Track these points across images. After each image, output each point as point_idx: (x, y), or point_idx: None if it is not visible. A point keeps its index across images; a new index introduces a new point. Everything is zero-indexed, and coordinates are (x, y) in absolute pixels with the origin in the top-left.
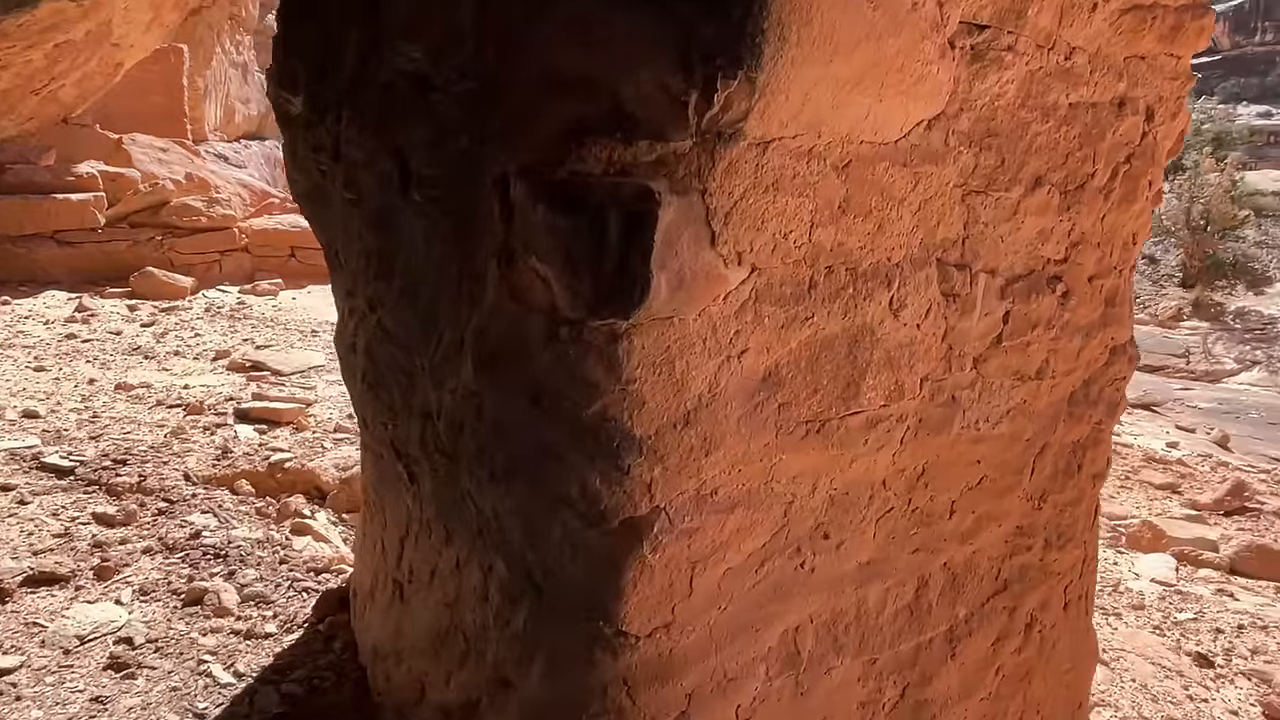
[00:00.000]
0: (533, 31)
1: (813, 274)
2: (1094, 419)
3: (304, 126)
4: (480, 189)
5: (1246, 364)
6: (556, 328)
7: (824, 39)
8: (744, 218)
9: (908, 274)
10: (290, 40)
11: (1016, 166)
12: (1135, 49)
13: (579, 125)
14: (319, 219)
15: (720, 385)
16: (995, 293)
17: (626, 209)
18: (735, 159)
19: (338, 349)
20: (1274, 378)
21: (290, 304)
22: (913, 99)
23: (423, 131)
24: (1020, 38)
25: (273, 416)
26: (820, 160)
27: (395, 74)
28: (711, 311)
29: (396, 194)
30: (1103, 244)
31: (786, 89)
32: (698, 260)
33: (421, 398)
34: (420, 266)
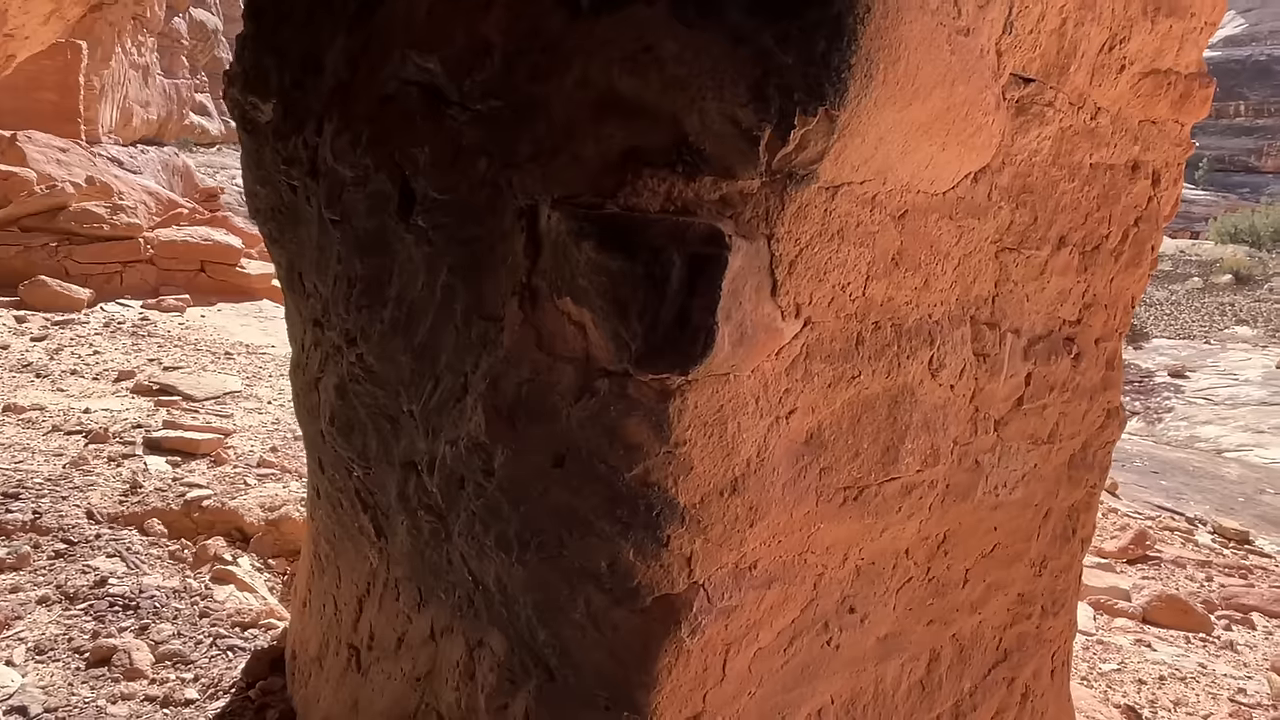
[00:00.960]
0: (576, 48)
1: (861, 329)
2: (1090, 483)
3: (274, 136)
4: (500, 218)
5: (1128, 414)
6: (592, 380)
7: (907, 80)
8: (808, 267)
9: (947, 332)
10: (262, 40)
11: (1046, 225)
12: (1150, 113)
13: (633, 155)
14: (283, 239)
15: (769, 449)
16: (1020, 354)
17: (692, 252)
18: (805, 203)
19: (294, 383)
20: (1151, 428)
21: (199, 322)
22: (968, 149)
23: (433, 150)
24: (1060, 94)
25: (187, 448)
26: (881, 209)
27: (400, 85)
28: (764, 368)
29: (393, 217)
30: (1109, 306)
31: (865, 131)
32: (759, 312)
33: (407, 446)
34: (418, 299)
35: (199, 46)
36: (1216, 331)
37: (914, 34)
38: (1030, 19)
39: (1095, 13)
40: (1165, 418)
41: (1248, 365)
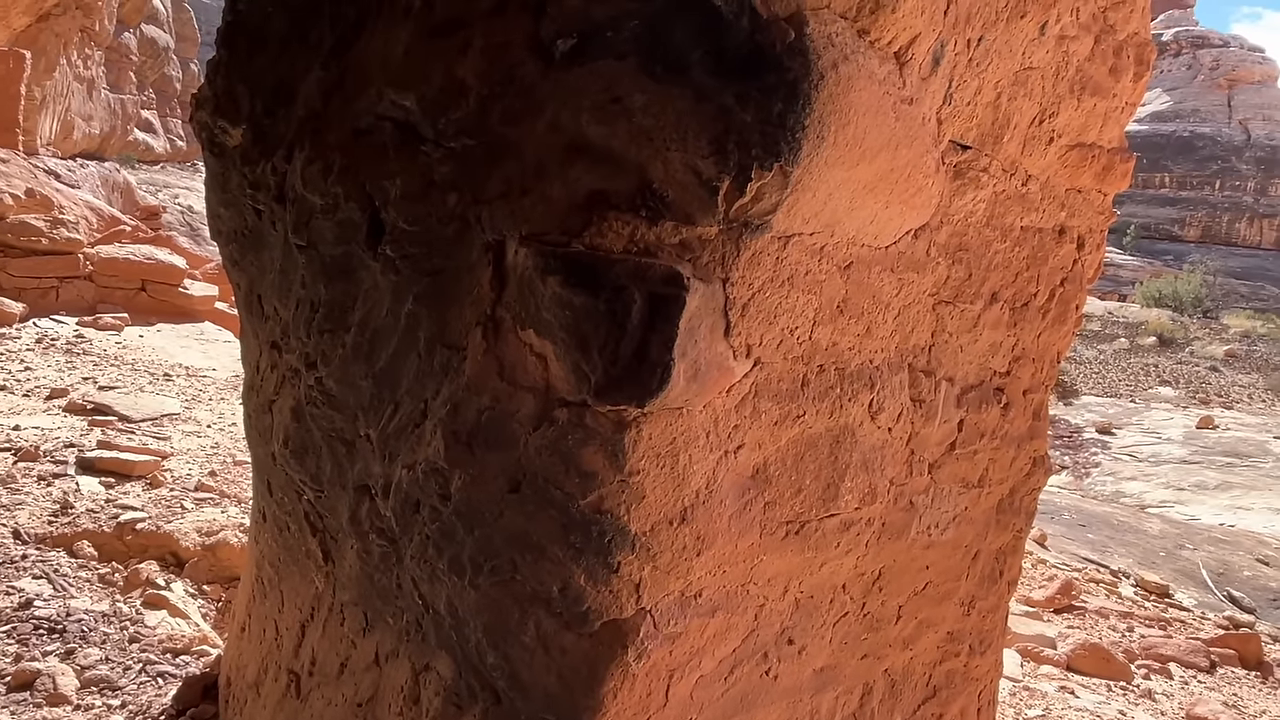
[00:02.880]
0: (548, 95)
1: (807, 371)
2: (1016, 527)
3: (242, 160)
4: (468, 251)
5: (1056, 468)
6: (551, 409)
7: (856, 143)
8: (759, 311)
9: (886, 378)
10: (235, 67)
11: (980, 281)
12: (1076, 183)
13: (599, 198)
14: (244, 261)
15: (717, 481)
16: (953, 401)
17: (652, 291)
18: (759, 250)
19: (247, 404)
20: (1079, 482)
21: (137, 342)
22: (910, 208)
23: (404, 183)
24: (994, 161)
25: (122, 469)
26: (829, 259)
27: (375, 120)
28: (715, 404)
29: (361, 245)
30: (1037, 360)
31: (816, 186)
32: (712, 351)
33: (361, 469)
34: (382, 326)
35: (148, 63)
36: (1141, 391)
37: (863, 101)
38: (968, 91)
39: (1027, 89)
40: (1093, 472)
41: (1170, 425)
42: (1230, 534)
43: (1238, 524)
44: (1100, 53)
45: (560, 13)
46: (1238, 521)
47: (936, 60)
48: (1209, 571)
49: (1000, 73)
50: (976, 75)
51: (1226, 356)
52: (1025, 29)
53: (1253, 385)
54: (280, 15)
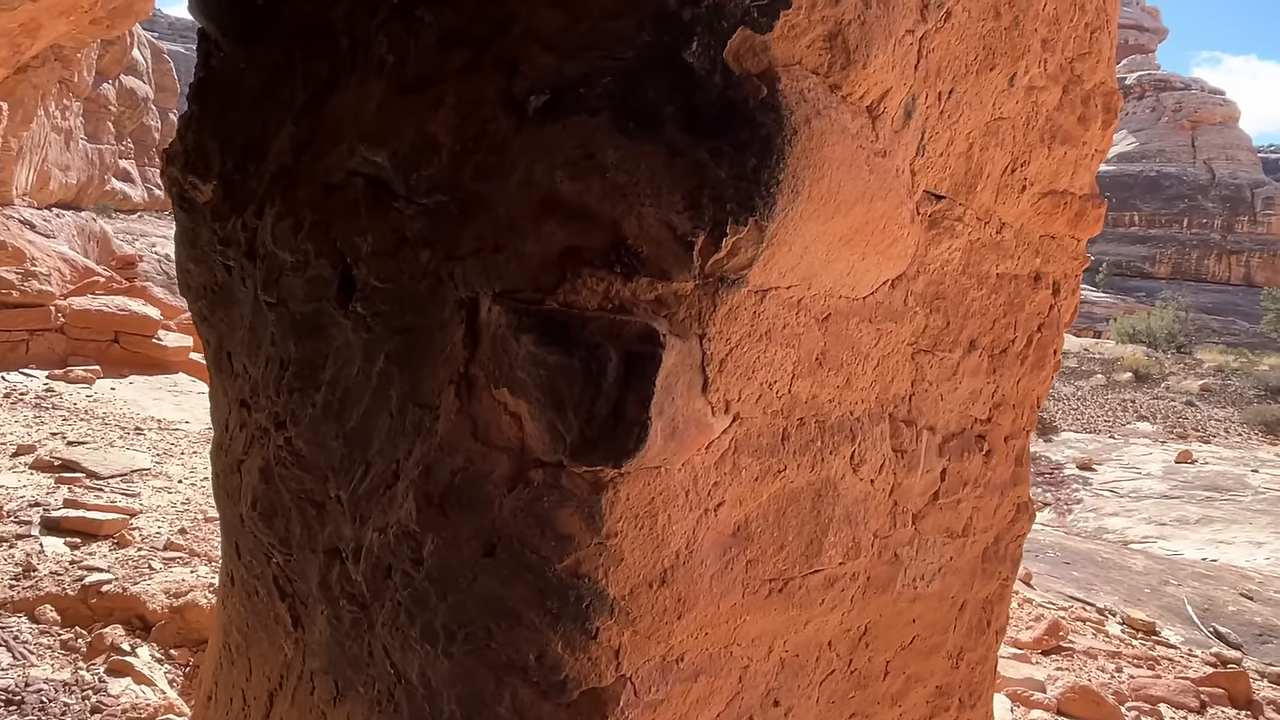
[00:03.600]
0: (521, 151)
1: (787, 425)
2: (1002, 575)
3: (212, 216)
4: (440, 308)
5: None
6: (526, 470)
7: (830, 196)
8: (737, 366)
9: (867, 429)
10: (206, 122)
11: (958, 329)
12: (1049, 229)
13: (572, 255)
14: (213, 318)
15: (697, 541)
16: (935, 450)
17: (628, 349)
18: (735, 305)
19: (215, 464)
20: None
21: (108, 395)
22: (886, 258)
23: (376, 240)
24: (968, 210)
25: (88, 528)
26: (806, 312)
27: (347, 176)
28: (694, 462)
29: (332, 302)
30: (1017, 406)
31: (791, 240)
32: (690, 408)
33: (332, 533)
34: (353, 385)
35: (127, 113)
36: (1120, 426)
37: (836, 155)
38: (940, 143)
39: (998, 139)
40: (1075, 509)
41: (1149, 459)
42: (1213, 569)
43: (1220, 558)
44: (1068, 102)
45: (533, 69)
46: (1220, 556)
47: (908, 113)
48: (1194, 607)
49: (971, 124)
50: (948, 127)
51: (1202, 391)
52: (994, 81)
53: (1228, 419)
54: (253, 71)
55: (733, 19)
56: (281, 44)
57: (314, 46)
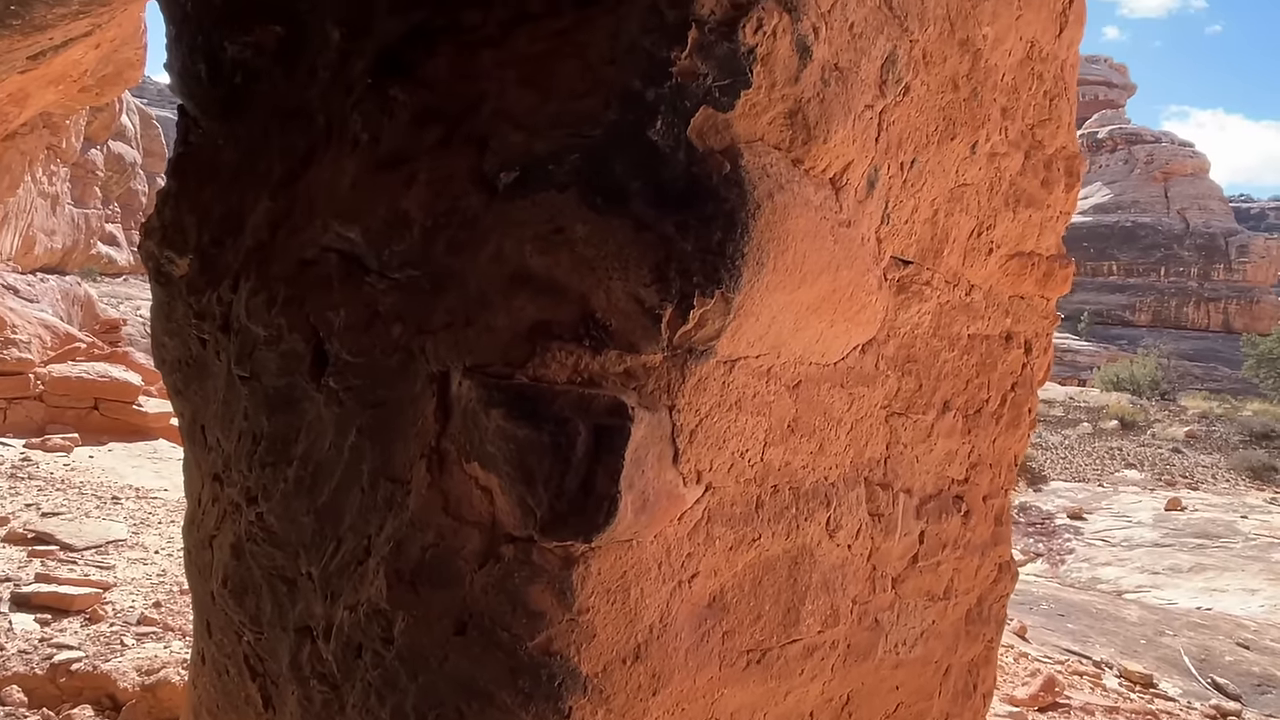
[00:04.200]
0: (492, 226)
1: (760, 493)
2: (987, 637)
3: (188, 290)
4: (412, 383)
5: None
6: (497, 546)
7: (795, 267)
8: (707, 436)
9: (842, 494)
10: (184, 197)
11: (931, 391)
12: (1018, 290)
13: (542, 329)
14: (188, 391)
15: (671, 614)
16: (912, 513)
17: (596, 423)
18: (704, 376)
19: (187, 539)
20: (1055, 569)
21: (86, 463)
22: (855, 324)
23: (349, 314)
24: (936, 274)
25: (60, 604)
26: (777, 380)
27: (320, 251)
28: (667, 533)
29: (305, 377)
30: (994, 465)
31: (758, 311)
32: (661, 480)
33: (303, 610)
34: (325, 459)
35: (114, 178)
36: (1108, 475)
37: (800, 227)
38: (905, 210)
39: (963, 204)
40: (1067, 559)
41: (1139, 507)
42: (1208, 618)
43: (1214, 606)
44: (1031, 167)
45: (503, 147)
46: (1214, 604)
47: (871, 184)
48: (1191, 658)
49: (935, 191)
50: (912, 195)
51: (1187, 438)
52: (956, 149)
53: (1215, 465)
54: (231, 147)
55: (695, 98)
56: (259, 121)
57: (291, 123)
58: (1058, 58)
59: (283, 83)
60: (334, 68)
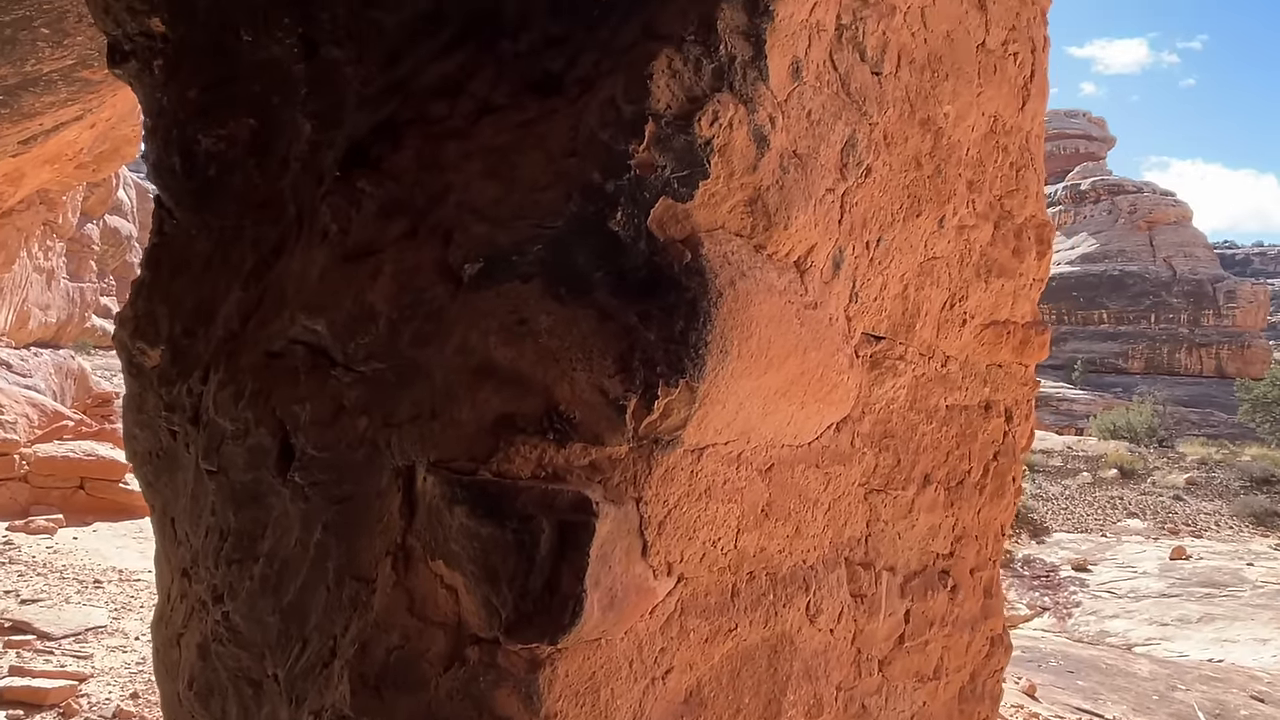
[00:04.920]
0: (457, 318)
1: (735, 581)
2: (982, 715)
3: (159, 381)
4: (378, 477)
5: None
6: (462, 648)
7: (760, 353)
8: (677, 527)
9: (822, 577)
10: (157, 288)
11: (910, 465)
12: (995, 358)
13: (506, 422)
14: (158, 484)
15: (645, 713)
16: (897, 591)
17: (560, 520)
18: (671, 466)
19: (156, 637)
20: (1063, 623)
21: (70, 545)
22: (827, 404)
23: (314, 408)
24: (910, 348)
25: (33, 698)
26: (748, 465)
27: (288, 343)
28: (638, 629)
29: (271, 472)
30: (980, 537)
31: (724, 398)
32: (629, 574)
33: (269, 715)
34: (291, 557)
35: (110, 251)
36: (1111, 524)
37: (764, 313)
38: (874, 288)
39: (934, 277)
40: (1074, 612)
41: (1144, 557)
42: (1220, 670)
43: (1226, 658)
44: (1001, 237)
45: (467, 238)
46: (1226, 655)
47: (837, 264)
48: (1205, 714)
49: (904, 266)
50: (880, 272)
51: (1188, 485)
52: (923, 224)
53: (1217, 512)
54: (204, 237)
55: (654, 189)
56: (232, 211)
57: (263, 214)
58: (1022, 129)
59: (255, 174)
60: (305, 159)
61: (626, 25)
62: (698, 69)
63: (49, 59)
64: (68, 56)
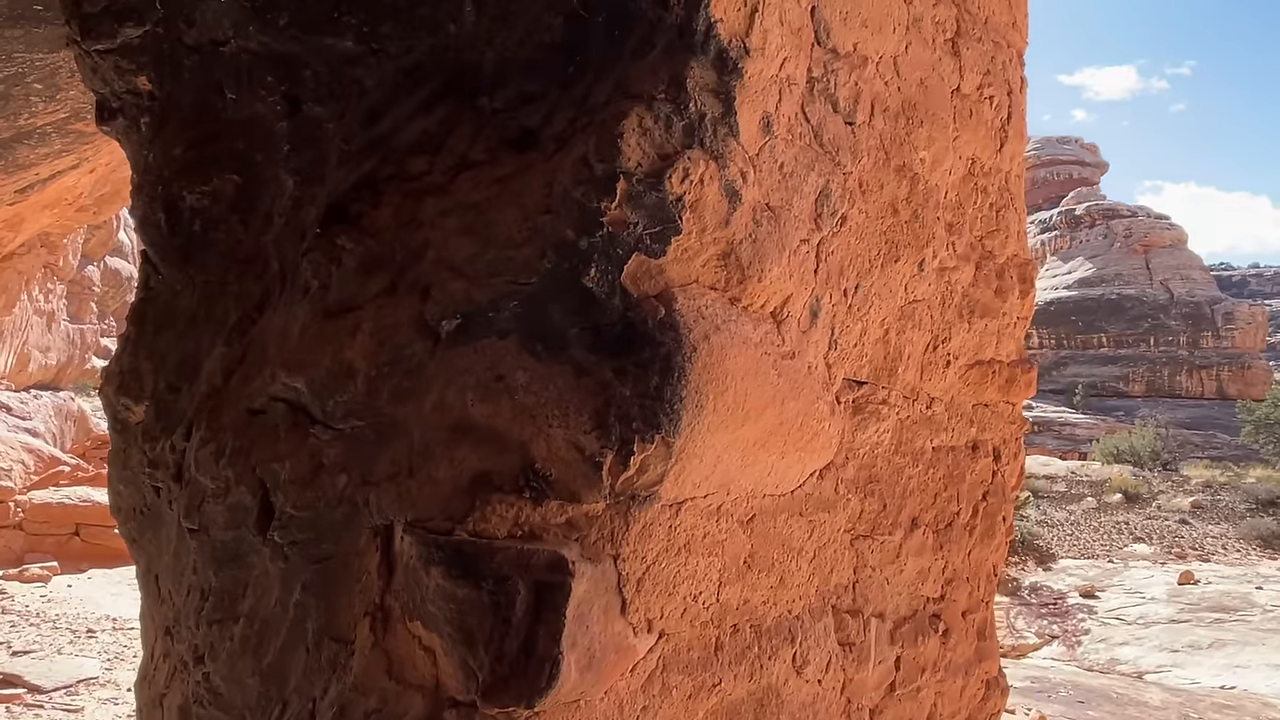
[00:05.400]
0: (435, 374)
1: (719, 635)
2: None
3: (143, 437)
4: (356, 536)
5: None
6: (440, 711)
7: (737, 406)
8: (656, 583)
9: (808, 626)
10: (142, 343)
11: (896, 510)
12: (981, 398)
13: (483, 480)
14: (142, 540)
15: None
16: (886, 638)
17: (536, 580)
18: (649, 522)
19: (138, 697)
20: (1072, 651)
21: (64, 593)
22: (809, 452)
23: (294, 466)
24: (893, 391)
25: None
26: (728, 517)
27: (269, 400)
28: (618, 688)
29: (251, 531)
30: (971, 579)
31: (701, 452)
32: (608, 633)
33: None
34: (271, 617)
35: (111, 292)
36: (1117, 550)
37: (740, 365)
38: (853, 334)
39: (915, 320)
40: (1084, 640)
41: (1151, 582)
42: (1233, 698)
43: (1238, 684)
44: (983, 277)
45: (444, 294)
46: (1238, 681)
47: (814, 313)
48: None
49: (884, 311)
50: (859, 318)
51: (1193, 508)
52: (902, 269)
53: (1224, 535)
54: (189, 293)
55: (627, 246)
56: (217, 267)
57: (247, 269)
58: (1001, 170)
59: (240, 229)
60: (288, 215)
61: (600, 83)
62: (668, 126)
63: (43, 113)
64: (61, 110)
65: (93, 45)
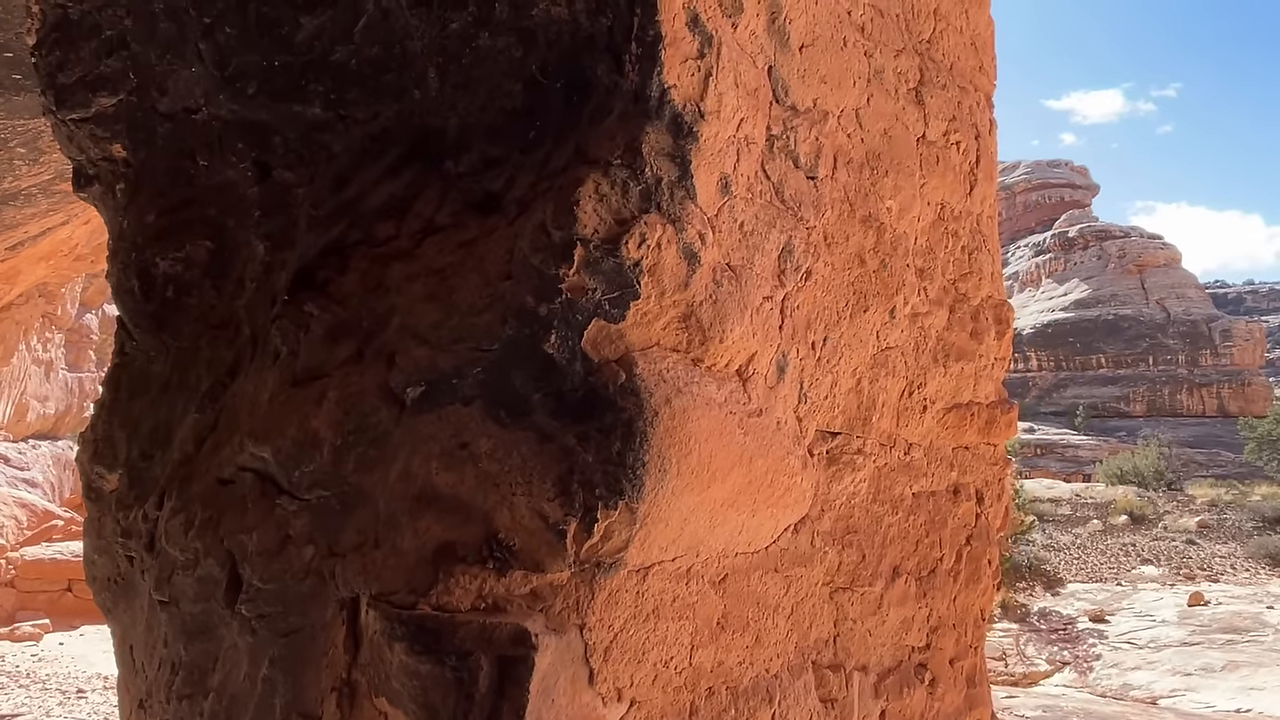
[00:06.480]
0: (400, 442)
1: (693, 699)
2: None
3: (117, 506)
4: (323, 609)
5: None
6: None
7: (702, 468)
8: (624, 651)
9: (787, 685)
10: (117, 410)
11: (876, 559)
12: (961, 441)
13: (447, 551)
14: (117, 611)
15: None
16: (870, 691)
17: (499, 655)
18: (615, 589)
19: None
20: (1084, 678)
21: (55, 652)
22: (781, 508)
23: (262, 537)
24: (868, 440)
25: None
26: (699, 579)
27: (237, 470)
28: None
29: (220, 604)
30: (958, 625)
31: (667, 516)
32: (575, 705)
33: None
34: (240, 691)
35: (109, 340)
36: (1125, 572)
37: (703, 427)
38: (823, 386)
39: (889, 368)
40: (1095, 665)
41: (1161, 605)
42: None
43: (1254, 707)
44: (958, 320)
45: (409, 361)
46: (1253, 704)
47: (781, 369)
48: None
49: (855, 361)
50: (829, 370)
51: (1200, 528)
52: (872, 319)
53: (1232, 555)
54: (162, 358)
55: (586, 312)
56: (189, 333)
57: (219, 335)
58: (972, 213)
59: (212, 295)
60: (259, 280)
61: (560, 147)
62: (625, 192)
63: (27, 175)
64: (45, 172)
65: (68, 115)
